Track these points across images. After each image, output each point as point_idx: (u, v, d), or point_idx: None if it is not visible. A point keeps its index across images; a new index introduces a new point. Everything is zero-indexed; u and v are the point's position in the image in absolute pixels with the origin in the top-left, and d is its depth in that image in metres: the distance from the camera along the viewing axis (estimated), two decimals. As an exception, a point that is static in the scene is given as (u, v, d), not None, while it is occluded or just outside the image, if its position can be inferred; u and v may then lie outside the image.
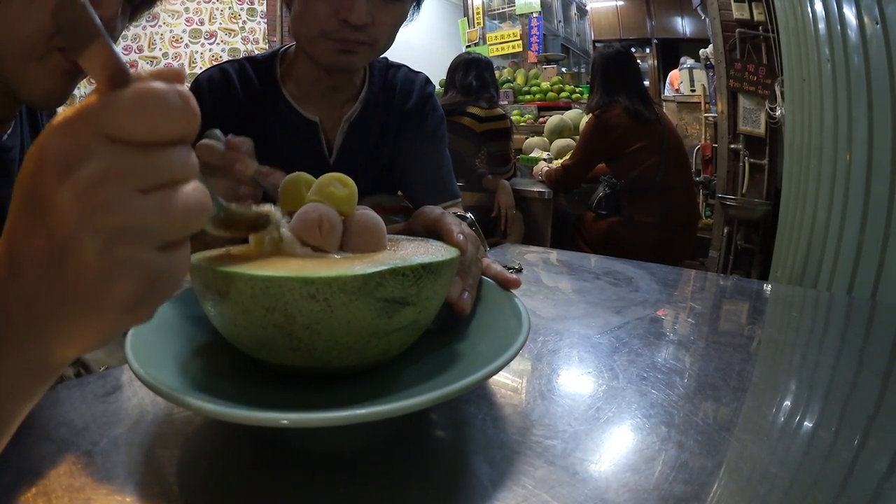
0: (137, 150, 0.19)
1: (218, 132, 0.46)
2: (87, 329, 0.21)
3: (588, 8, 5.38)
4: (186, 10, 4.46)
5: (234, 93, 0.72)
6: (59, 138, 0.19)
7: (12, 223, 0.20)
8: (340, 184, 0.37)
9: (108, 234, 0.19)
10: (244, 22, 4.54)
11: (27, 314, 0.20)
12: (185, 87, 0.20)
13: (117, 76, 0.19)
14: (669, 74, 4.11)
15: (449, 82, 2.25)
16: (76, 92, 0.49)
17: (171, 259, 0.21)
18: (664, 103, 3.69)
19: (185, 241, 0.21)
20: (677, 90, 3.91)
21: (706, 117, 3.53)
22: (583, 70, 4.92)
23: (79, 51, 0.19)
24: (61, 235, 0.19)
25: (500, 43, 4.53)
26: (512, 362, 0.32)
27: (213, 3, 4.49)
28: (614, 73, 2.05)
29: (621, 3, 5.36)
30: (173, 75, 0.20)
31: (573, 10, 5.10)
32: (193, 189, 0.21)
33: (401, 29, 0.71)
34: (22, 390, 0.23)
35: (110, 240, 0.19)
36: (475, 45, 4.61)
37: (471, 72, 2.17)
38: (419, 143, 0.82)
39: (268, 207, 0.35)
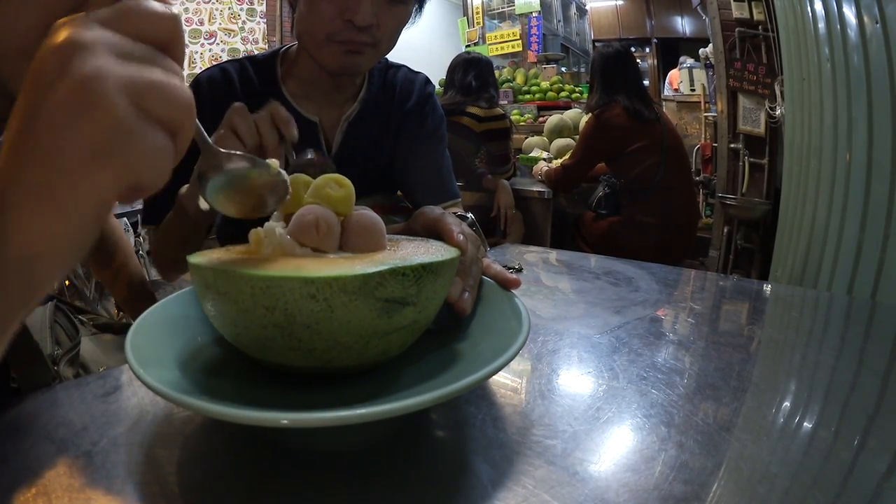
0: (133, 41, 0.22)
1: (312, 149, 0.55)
2: (55, 193, 0.21)
3: (588, 7, 5.38)
4: (186, 10, 4.45)
5: (234, 92, 0.72)
6: (60, 32, 0.22)
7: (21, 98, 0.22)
8: (336, 185, 0.37)
9: (80, 75, 0.20)
10: (244, 22, 4.54)
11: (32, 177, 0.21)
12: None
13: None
14: (669, 74, 4.11)
15: (448, 82, 2.25)
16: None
17: (159, 139, 0.22)
18: (664, 103, 3.69)
19: (168, 125, 0.22)
20: (676, 90, 3.91)
21: (706, 117, 3.53)
22: (582, 69, 4.92)
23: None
24: (78, 95, 0.20)
25: (500, 42, 4.53)
26: (512, 362, 0.32)
27: (213, 3, 4.49)
28: (614, 72, 2.05)
29: (621, 2, 5.36)
30: None
31: (573, 9, 5.10)
32: (179, 82, 0.23)
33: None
34: (22, 280, 0.22)
35: (80, 80, 0.20)
36: (475, 44, 4.61)
37: (470, 71, 2.17)
38: (419, 143, 0.82)
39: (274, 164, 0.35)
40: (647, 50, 5.25)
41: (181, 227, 0.61)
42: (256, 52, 0.80)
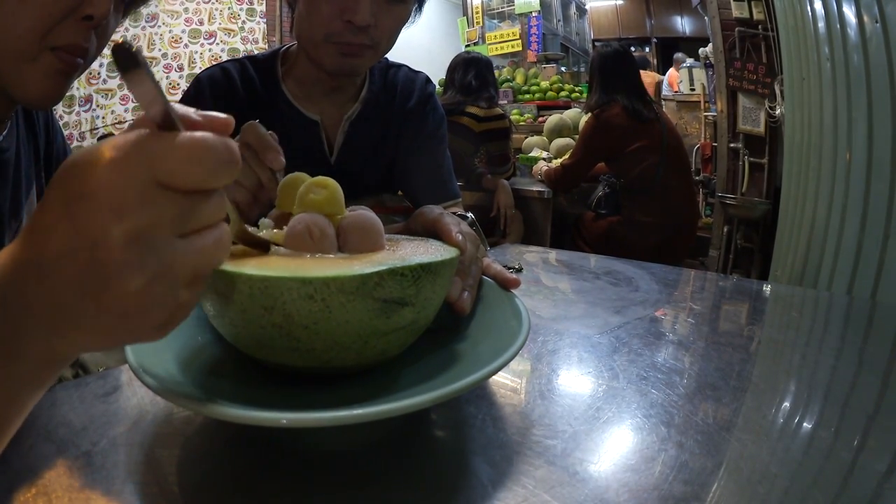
0: (184, 196, 0.21)
1: (258, 122, 0.50)
2: (113, 339, 0.22)
3: (587, 7, 5.38)
4: (186, 10, 4.45)
5: (235, 91, 0.72)
6: (114, 177, 0.20)
7: (46, 233, 0.21)
8: (319, 187, 0.36)
9: (152, 274, 0.20)
10: (243, 22, 4.54)
11: (53, 315, 0.21)
12: (231, 140, 0.21)
13: (167, 118, 0.20)
14: (667, 74, 4.11)
15: (448, 81, 2.25)
16: (76, 93, 0.49)
17: (193, 293, 0.23)
18: (664, 102, 3.69)
19: (208, 276, 0.24)
20: (676, 91, 3.91)
21: (706, 116, 3.53)
22: (582, 69, 4.92)
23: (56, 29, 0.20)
24: (108, 267, 0.20)
25: (500, 42, 4.53)
26: (512, 362, 0.32)
27: (213, 3, 4.49)
28: (613, 72, 2.04)
29: (620, 2, 5.36)
30: (223, 126, 0.22)
31: (572, 9, 5.10)
32: (221, 232, 0.23)
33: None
34: (38, 380, 0.24)
35: (153, 279, 0.20)
36: (474, 44, 4.61)
37: (470, 71, 2.17)
38: (420, 143, 0.82)
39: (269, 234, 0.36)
40: (647, 49, 5.25)
41: None
42: (256, 52, 0.80)
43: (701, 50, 3.48)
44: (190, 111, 0.22)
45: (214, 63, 0.77)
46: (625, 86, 2.02)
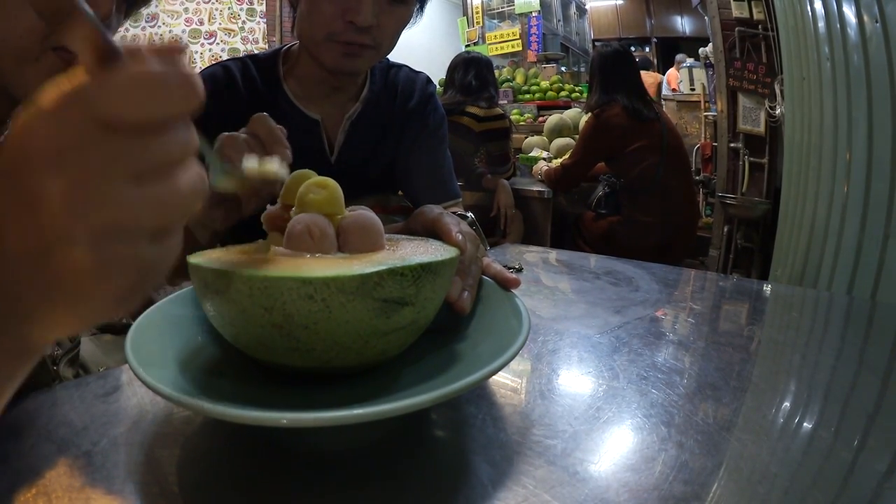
0: (132, 135, 0.18)
1: (265, 115, 0.49)
2: (76, 317, 0.20)
3: (587, 7, 5.38)
4: (186, 10, 4.45)
5: (236, 90, 0.73)
6: (48, 124, 0.17)
7: None
8: (318, 187, 0.37)
9: (102, 231, 0.18)
10: (243, 22, 4.54)
11: (14, 302, 0.19)
12: (185, 59, 0.19)
13: (106, 52, 0.17)
14: (667, 74, 4.11)
15: (448, 81, 2.25)
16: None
17: (162, 249, 0.20)
18: (664, 102, 3.69)
19: (177, 228, 0.20)
20: (675, 90, 3.90)
21: (706, 116, 3.52)
22: (582, 69, 4.92)
23: (58, 28, 0.18)
24: (51, 231, 0.18)
25: (500, 42, 4.53)
26: (512, 362, 0.32)
27: (213, 3, 4.49)
28: (613, 72, 2.04)
29: (621, 1, 5.36)
30: (171, 50, 0.19)
31: (572, 9, 5.10)
32: (190, 173, 0.20)
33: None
34: (5, 372, 0.22)
35: (104, 237, 0.18)
36: (474, 44, 4.61)
37: (470, 71, 2.17)
38: (420, 143, 0.82)
39: (273, 165, 0.36)
40: (647, 49, 5.25)
41: (189, 248, 0.59)
42: (257, 52, 0.80)
43: (701, 50, 3.48)
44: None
45: (215, 62, 0.77)
46: (625, 86, 2.02)
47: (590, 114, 2.11)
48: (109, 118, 0.17)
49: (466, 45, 4.63)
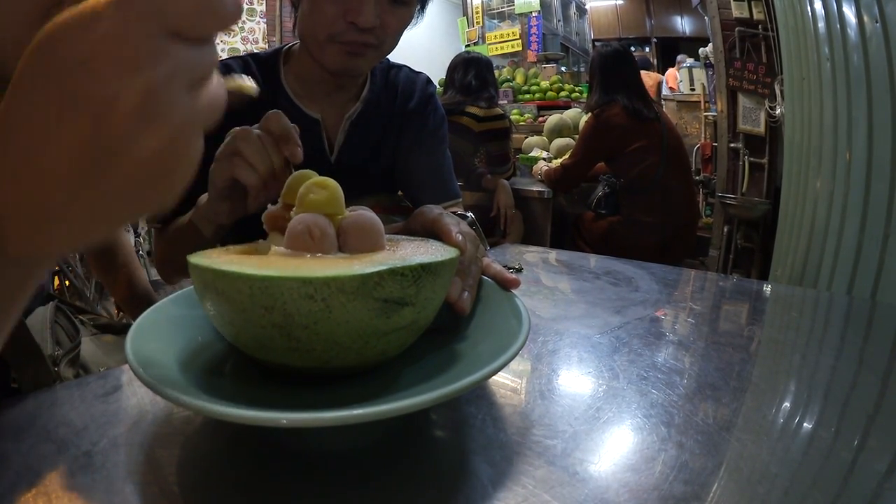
0: (193, 46, 0.19)
1: (279, 112, 0.48)
2: (122, 217, 0.21)
3: (587, 7, 5.38)
4: (186, 9, 4.45)
5: None
6: (121, 32, 0.18)
7: (27, 119, 0.18)
8: (318, 188, 0.37)
9: (169, 134, 0.19)
10: (243, 22, 4.54)
11: (34, 212, 0.19)
12: None
13: None
14: (666, 73, 4.11)
15: (448, 81, 2.25)
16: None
17: (198, 150, 0.21)
18: (664, 102, 3.69)
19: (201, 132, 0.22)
20: (672, 88, 3.91)
21: (706, 116, 3.53)
22: (582, 69, 4.92)
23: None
24: (115, 131, 0.18)
25: (500, 42, 4.53)
26: (512, 362, 0.32)
27: (213, 2, 4.49)
28: (613, 72, 2.04)
29: (621, 1, 5.36)
30: None
31: (572, 9, 5.09)
32: (219, 83, 0.21)
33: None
34: (19, 283, 0.22)
35: (170, 139, 0.19)
36: (474, 44, 4.61)
37: (470, 71, 2.17)
38: (420, 143, 0.82)
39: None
40: (647, 49, 5.25)
41: (193, 242, 0.59)
42: (257, 51, 0.80)
43: (701, 50, 3.48)
44: None
45: (216, 60, 0.77)
46: (625, 86, 2.02)
47: (590, 114, 2.11)
48: (181, 28, 0.18)
49: (466, 45, 4.63)
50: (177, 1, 0.18)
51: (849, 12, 1.47)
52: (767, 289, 0.74)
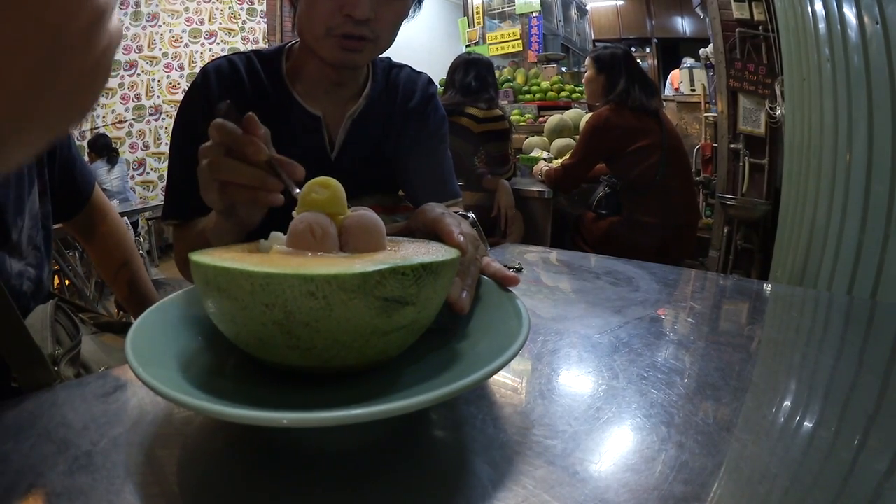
0: None
1: (230, 103, 0.46)
2: (56, 124, 0.24)
3: (588, 7, 5.38)
4: (186, 9, 4.45)
5: (240, 83, 0.73)
6: None
7: None
8: (321, 187, 0.37)
9: (103, 49, 0.23)
10: (244, 22, 4.54)
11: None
12: None
13: None
14: (670, 74, 4.11)
15: (449, 82, 2.25)
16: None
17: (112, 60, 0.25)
18: (664, 103, 3.69)
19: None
20: (677, 90, 3.91)
21: (706, 117, 3.53)
22: (582, 69, 4.92)
23: None
24: (71, 42, 0.21)
25: (500, 42, 4.53)
26: (512, 362, 0.32)
27: (213, 2, 4.50)
28: (614, 72, 2.04)
29: (621, 2, 5.36)
30: None
31: (573, 9, 5.10)
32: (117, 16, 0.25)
33: (401, 27, 0.71)
34: None
35: (102, 53, 0.23)
36: (475, 44, 4.62)
37: (470, 72, 2.17)
38: (421, 143, 0.83)
39: None
40: (648, 50, 5.25)
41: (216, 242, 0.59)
42: (259, 49, 0.81)
43: (701, 50, 3.49)
44: None
45: (220, 56, 0.78)
46: (627, 84, 2.02)
47: (590, 114, 2.11)
48: None
49: (467, 46, 4.64)
50: None
51: (849, 13, 1.47)
52: (767, 289, 0.74)
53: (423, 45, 4.62)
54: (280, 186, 0.47)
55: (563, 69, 4.41)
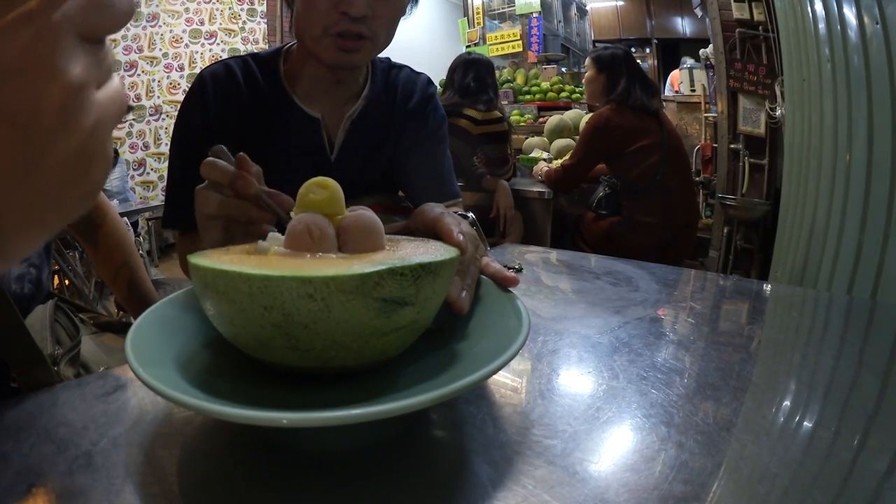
0: (96, 45, 0.20)
1: (224, 148, 0.47)
2: (52, 223, 0.21)
3: (588, 8, 5.38)
4: (186, 10, 4.46)
5: (237, 88, 0.73)
6: (37, 42, 0.18)
7: None
8: (318, 188, 0.37)
9: (87, 131, 0.20)
10: (244, 22, 4.54)
11: None
12: None
13: None
14: (670, 75, 4.11)
15: (448, 82, 2.24)
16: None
17: (111, 144, 0.22)
18: (664, 103, 3.69)
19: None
20: (677, 90, 3.91)
21: (706, 117, 3.53)
22: (583, 70, 4.92)
23: None
24: (41, 134, 0.19)
25: (500, 43, 4.53)
26: (512, 362, 0.32)
27: (213, 3, 4.50)
28: (614, 72, 2.05)
29: (621, 2, 5.36)
30: None
31: (573, 10, 5.10)
32: (118, 80, 0.22)
33: (400, 27, 0.71)
34: None
35: (88, 136, 0.20)
36: (475, 45, 4.62)
37: (469, 73, 2.17)
38: (420, 143, 0.83)
39: None
40: (648, 50, 5.25)
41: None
42: (258, 51, 0.81)
43: (701, 51, 3.49)
44: None
45: (216, 61, 0.77)
46: (627, 83, 2.02)
47: (590, 114, 2.11)
48: (88, 28, 0.19)
49: (467, 46, 4.64)
50: (80, 5, 0.19)
51: (849, 13, 1.47)
52: (767, 289, 0.74)
53: (423, 45, 4.62)
54: (269, 218, 0.47)
55: (563, 70, 4.41)
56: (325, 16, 0.64)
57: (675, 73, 4.06)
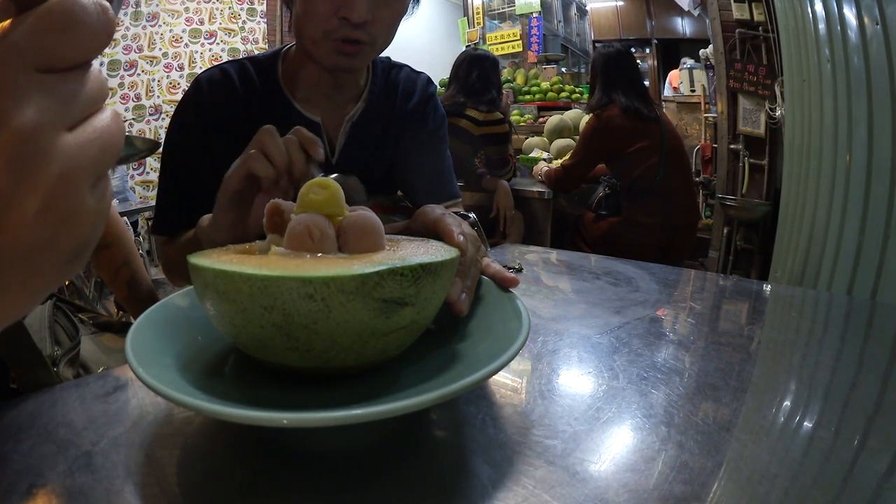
0: (62, 78, 0.17)
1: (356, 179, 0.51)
2: (28, 293, 0.18)
3: (588, 8, 5.38)
4: (186, 9, 4.45)
5: (234, 93, 0.72)
6: None
7: None
8: (319, 188, 0.37)
9: (50, 183, 0.16)
10: (244, 22, 4.54)
11: None
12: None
13: None
14: (669, 74, 4.11)
15: (452, 78, 2.22)
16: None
17: (101, 196, 0.18)
18: (664, 103, 3.69)
19: (107, 175, 0.19)
20: (676, 89, 3.91)
21: (706, 117, 3.53)
22: (582, 70, 4.92)
23: None
24: None
25: (500, 43, 4.53)
26: (512, 362, 0.32)
27: (213, 3, 4.50)
28: (614, 72, 2.05)
29: (621, 3, 5.36)
30: None
31: (573, 10, 5.10)
32: (110, 115, 0.18)
33: (400, 28, 0.71)
34: None
35: (50, 194, 0.16)
36: (475, 44, 4.61)
37: (474, 70, 2.14)
38: (420, 144, 0.82)
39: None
40: (648, 51, 5.25)
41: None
42: (256, 53, 0.80)
43: (701, 51, 3.49)
44: None
45: (215, 63, 0.77)
46: (625, 86, 2.02)
47: (591, 115, 2.11)
48: (45, 61, 0.16)
49: (467, 46, 4.64)
50: (35, 29, 0.16)
51: (849, 14, 1.47)
52: (767, 289, 0.74)
53: (423, 45, 4.62)
54: (289, 192, 0.48)
55: (563, 70, 4.42)
56: (325, 20, 0.63)
57: (673, 73, 4.06)
